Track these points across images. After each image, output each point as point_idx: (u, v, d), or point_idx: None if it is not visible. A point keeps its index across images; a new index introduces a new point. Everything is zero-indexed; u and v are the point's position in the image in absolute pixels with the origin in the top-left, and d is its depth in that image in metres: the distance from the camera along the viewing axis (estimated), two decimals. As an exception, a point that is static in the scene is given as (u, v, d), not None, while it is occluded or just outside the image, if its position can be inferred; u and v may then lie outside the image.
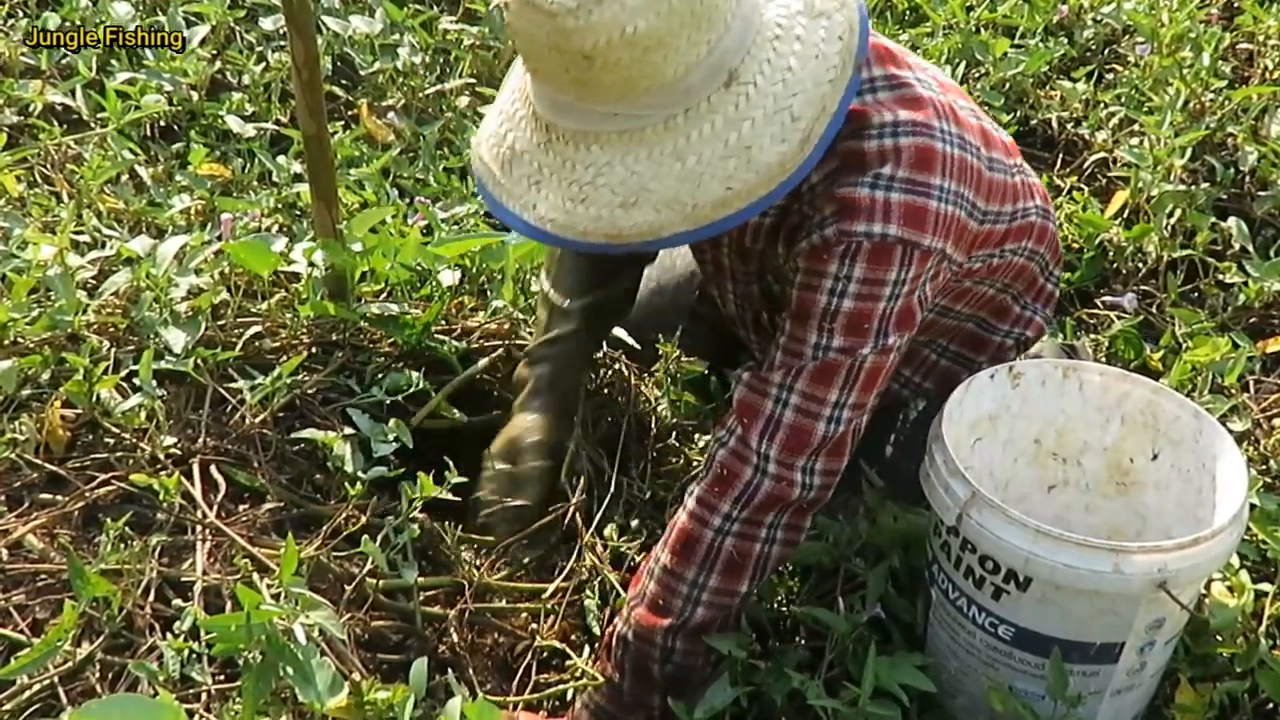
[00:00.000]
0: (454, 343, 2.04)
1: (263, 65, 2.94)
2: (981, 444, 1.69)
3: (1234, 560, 1.67)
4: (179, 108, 2.81)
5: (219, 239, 2.11)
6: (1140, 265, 2.54)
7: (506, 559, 1.77)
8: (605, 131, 1.33)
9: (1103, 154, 2.81)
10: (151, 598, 1.50)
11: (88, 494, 1.64)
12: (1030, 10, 3.24)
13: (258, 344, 1.96)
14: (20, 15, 3.03)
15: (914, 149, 1.46)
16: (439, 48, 3.16)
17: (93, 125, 2.67)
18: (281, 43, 3.04)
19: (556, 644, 1.64)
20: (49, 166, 2.49)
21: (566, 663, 1.61)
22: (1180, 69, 2.80)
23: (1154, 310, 2.45)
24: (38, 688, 1.39)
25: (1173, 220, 2.55)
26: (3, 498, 1.65)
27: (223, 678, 1.42)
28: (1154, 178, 2.56)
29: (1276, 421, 2.07)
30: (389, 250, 2.02)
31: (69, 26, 2.93)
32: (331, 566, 1.61)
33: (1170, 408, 1.66)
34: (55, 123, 2.62)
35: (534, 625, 1.68)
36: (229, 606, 1.49)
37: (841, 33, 1.36)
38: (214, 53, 3.00)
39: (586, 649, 1.63)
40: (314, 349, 1.98)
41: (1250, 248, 2.48)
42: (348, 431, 1.78)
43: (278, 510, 1.71)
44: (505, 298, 2.09)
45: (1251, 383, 2.20)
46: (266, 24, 3.07)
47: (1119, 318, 2.40)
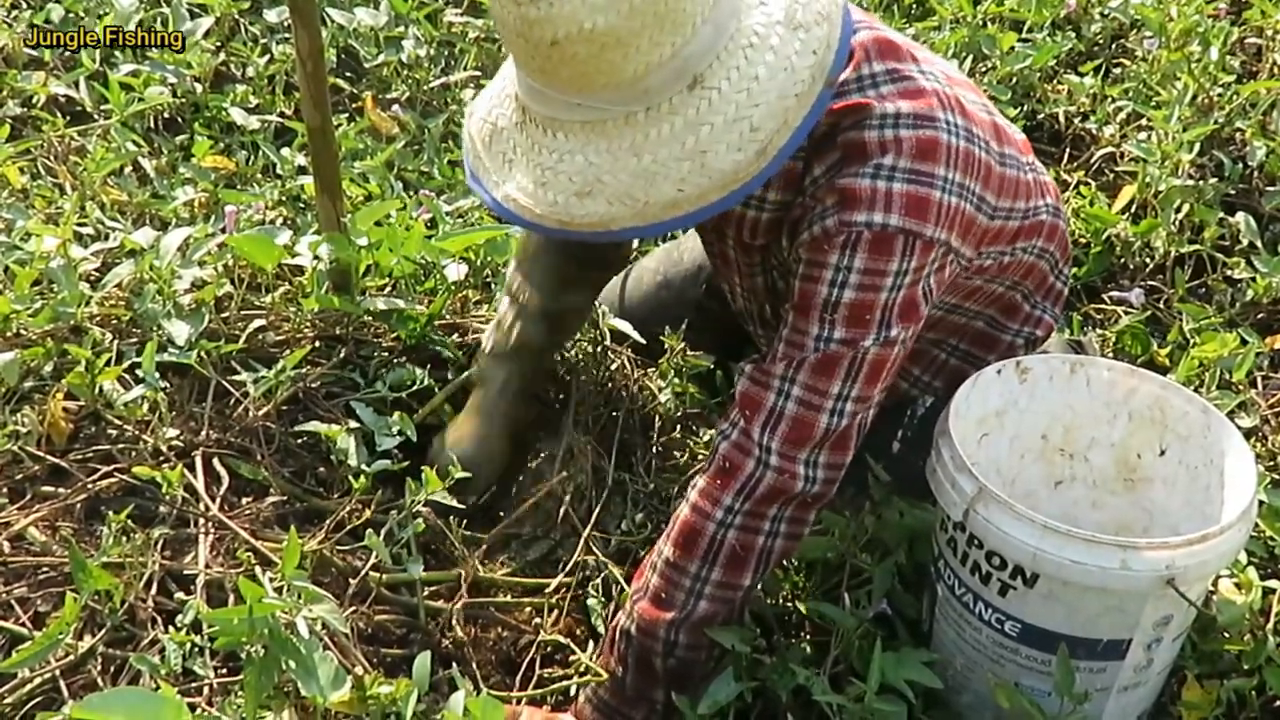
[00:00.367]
0: (458, 338, 2.04)
1: (267, 57, 2.93)
2: (988, 439, 1.68)
3: (1241, 557, 1.66)
4: (183, 100, 2.80)
5: (223, 231, 2.10)
6: (1148, 260, 2.53)
7: (510, 553, 1.77)
8: (570, 120, 1.35)
9: (1110, 149, 2.79)
10: (154, 591, 1.50)
11: (90, 486, 1.64)
12: (1037, 4, 3.22)
13: (261, 337, 1.95)
14: (24, 7, 3.03)
15: (916, 140, 1.46)
16: (444, 40, 3.15)
17: (96, 117, 2.67)
18: (286, 35, 3.03)
19: (560, 639, 1.64)
20: (52, 158, 2.48)
21: (570, 658, 1.61)
22: (1188, 63, 2.78)
23: (1161, 306, 2.44)
24: (39, 681, 1.38)
25: (1180, 215, 2.54)
26: (4, 490, 1.65)
27: (225, 671, 1.42)
28: (1162, 173, 2.54)
29: (1285, 418, 2.06)
30: (394, 244, 2.02)
31: (71, 19, 2.92)
32: (335, 560, 1.61)
33: (1178, 403, 1.65)
34: (58, 114, 2.61)
35: (537, 620, 1.68)
36: (231, 600, 1.49)
37: (816, 48, 1.36)
38: (218, 45, 2.98)
39: (590, 644, 1.63)
40: (318, 342, 1.97)
41: (1258, 243, 2.46)
42: (351, 425, 1.77)
43: (281, 503, 1.70)
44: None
45: (1259, 378, 2.18)
46: (271, 16, 3.06)
47: (1126, 313, 2.38)
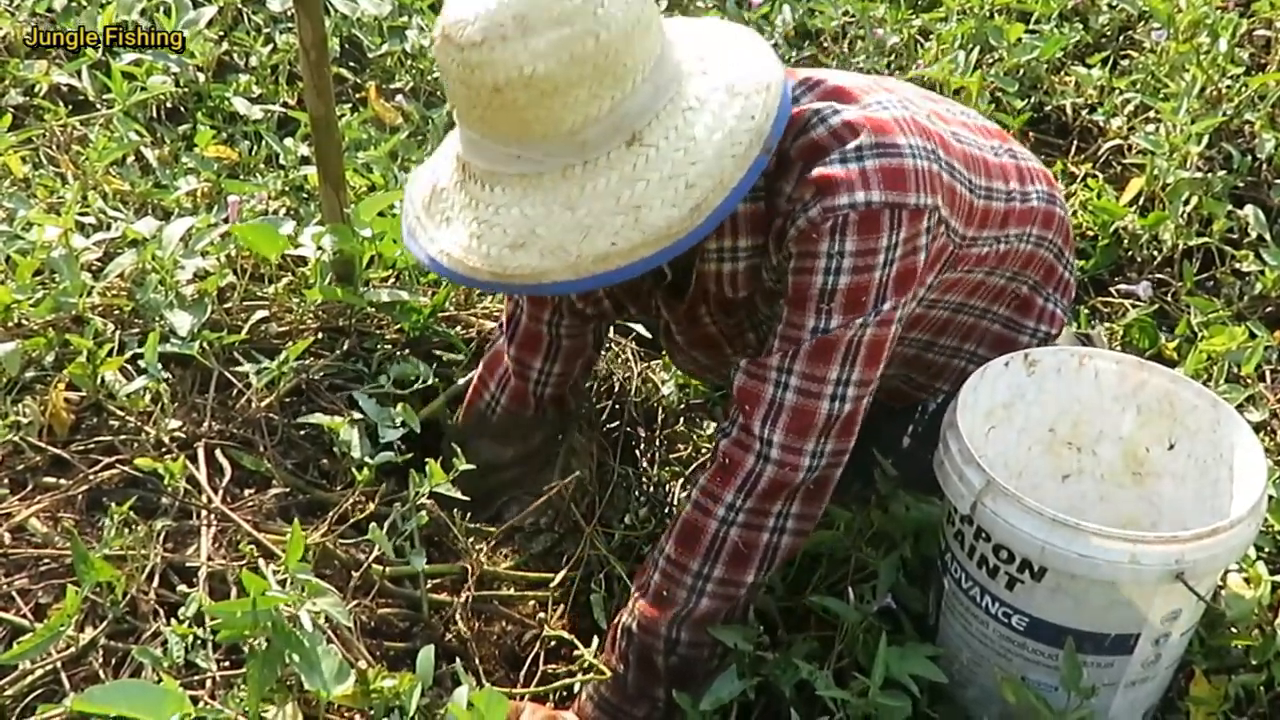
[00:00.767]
0: (462, 331, 2.03)
1: (270, 47, 2.93)
2: (996, 432, 1.67)
3: (1250, 552, 1.65)
4: (185, 89, 2.79)
5: (225, 221, 2.09)
6: (1155, 253, 2.52)
7: (514, 547, 1.76)
8: (508, 173, 1.35)
9: (1118, 141, 2.78)
10: (155, 583, 1.49)
11: (91, 478, 1.63)
12: (1045, -5, 3.21)
13: (264, 328, 1.95)
14: (28, -6, 3.02)
15: (868, 120, 1.46)
16: (448, 30, 3.13)
17: (98, 106, 2.66)
18: (289, 24, 3.02)
19: (564, 634, 1.63)
20: (54, 147, 2.47)
21: (574, 653, 1.60)
22: (1197, 55, 2.77)
23: (1169, 299, 2.43)
24: (40, 673, 1.37)
25: (1189, 208, 2.52)
26: (6, 481, 1.64)
27: (228, 664, 1.41)
28: (1170, 165, 2.53)
29: (1294, 411, 2.05)
30: (398, 235, 2.01)
31: (73, 8, 2.91)
32: (338, 553, 1.60)
33: (1188, 397, 1.63)
34: (61, 103, 2.61)
35: (541, 615, 1.67)
36: (234, 592, 1.48)
37: (755, 113, 1.37)
38: (221, 34, 2.98)
39: (594, 639, 1.62)
40: (321, 334, 1.97)
41: (1267, 236, 2.45)
42: (355, 417, 1.76)
43: (283, 495, 1.69)
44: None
45: (1268, 372, 2.17)
46: (274, 5, 3.06)
47: (1134, 306, 2.37)
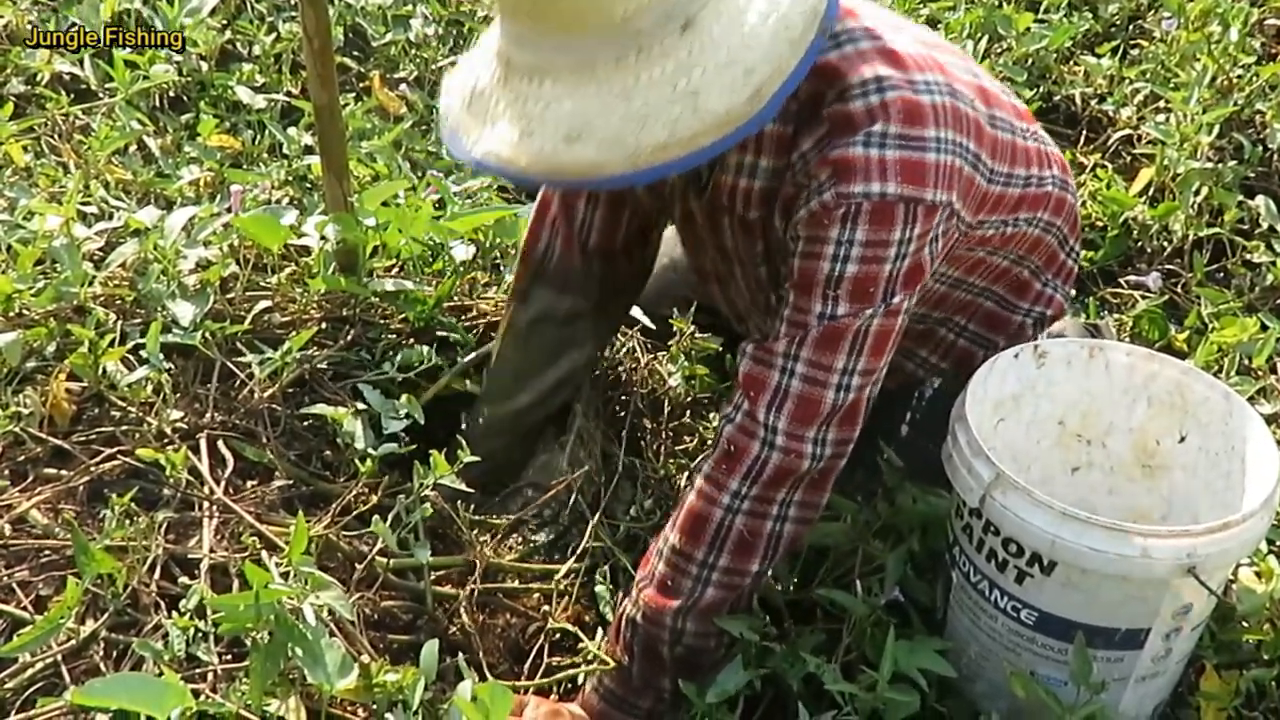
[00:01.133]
0: (466, 320, 2.01)
1: (273, 35, 2.91)
2: (1004, 424, 1.66)
3: (1261, 545, 1.63)
4: (188, 78, 2.78)
5: (228, 211, 2.08)
6: (1165, 244, 2.50)
7: (519, 539, 1.75)
8: (558, 66, 1.32)
9: (1128, 131, 2.76)
10: (157, 575, 1.48)
11: (93, 469, 1.62)
12: (1054, -16, 3.19)
13: (267, 318, 1.93)
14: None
15: (901, 103, 1.43)
16: (452, 19, 3.12)
17: (101, 95, 2.65)
18: (292, 13, 3.01)
19: (568, 626, 1.61)
20: (56, 136, 2.46)
21: (578, 645, 1.59)
22: (1208, 44, 2.75)
23: (1179, 290, 2.41)
24: (41, 665, 1.36)
25: (1199, 198, 2.51)
26: (6, 472, 1.63)
27: (229, 657, 1.40)
28: (1180, 155, 2.51)
29: (1306, 404, 2.03)
30: (402, 224, 1.99)
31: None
32: (341, 545, 1.59)
33: (1199, 389, 1.62)
34: (63, 92, 2.59)
35: (546, 607, 1.65)
36: (236, 585, 1.47)
37: None
38: (224, 22, 2.96)
39: (599, 631, 1.60)
40: (324, 324, 1.95)
41: (1278, 226, 2.43)
42: (359, 407, 1.75)
43: (286, 487, 1.68)
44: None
45: (1279, 364, 2.15)
46: (277, -7, 3.04)
47: (1143, 297, 2.36)
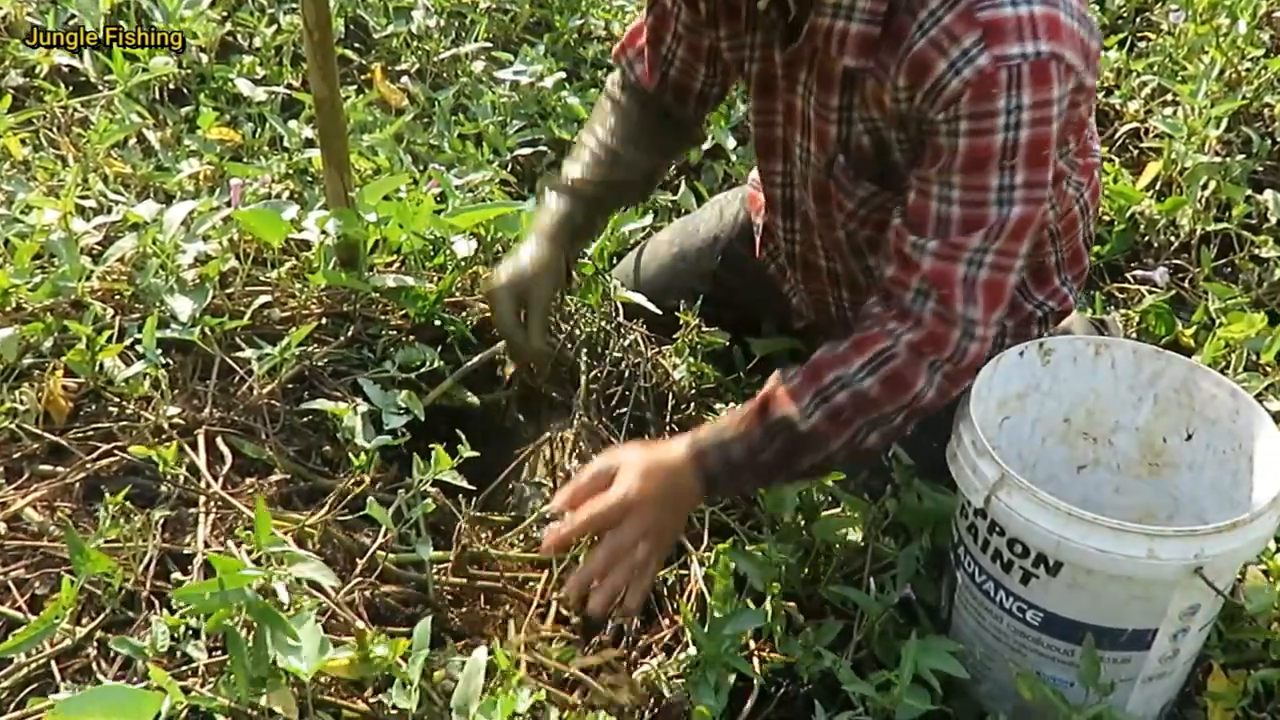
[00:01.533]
0: (468, 317, 2.00)
1: (274, 27, 2.89)
2: (1009, 423, 1.64)
3: (1270, 544, 1.62)
4: (188, 70, 2.76)
5: (228, 205, 2.06)
6: (1173, 239, 2.48)
7: (522, 534, 1.73)
8: None
9: (1135, 124, 2.74)
10: (152, 574, 1.46)
11: (89, 465, 1.60)
12: (1060, -24, 3.16)
13: (266, 313, 1.92)
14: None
15: None
16: (454, 11, 3.11)
17: (100, 88, 2.63)
18: (293, 4, 2.99)
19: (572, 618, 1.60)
20: (55, 129, 2.44)
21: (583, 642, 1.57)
22: (1216, 37, 2.73)
23: (1186, 285, 2.39)
24: (34, 666, 1.35)
25: (1207, 193, 2.49)
26: (2, 469, 1.61)
27: (220, 651, 1.38)
28: (1188, 149, 2.50)
29: (1315, 401, 2.01)
30: (404, 219, 1.98)
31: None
32: (338, 535, 1.57)
33: (1206, 386, 1.60)
34: (61, 85, 2.57)
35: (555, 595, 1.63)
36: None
37: None
38: (224, 14, 2.95)
39: (599, 629, 1.58)
40: (324, 319, 1.93)
41: (1287, 221, 2.42)
42: (359, 403, 1.74)
43: (285, 483, 1.66)
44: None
45: (1287, 360, 2.14)
46: (278, -15, 3.02)
47: (1150, 292, 2.34)
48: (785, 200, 1.79)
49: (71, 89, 2.59)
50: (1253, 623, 1.61)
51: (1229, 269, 2.43)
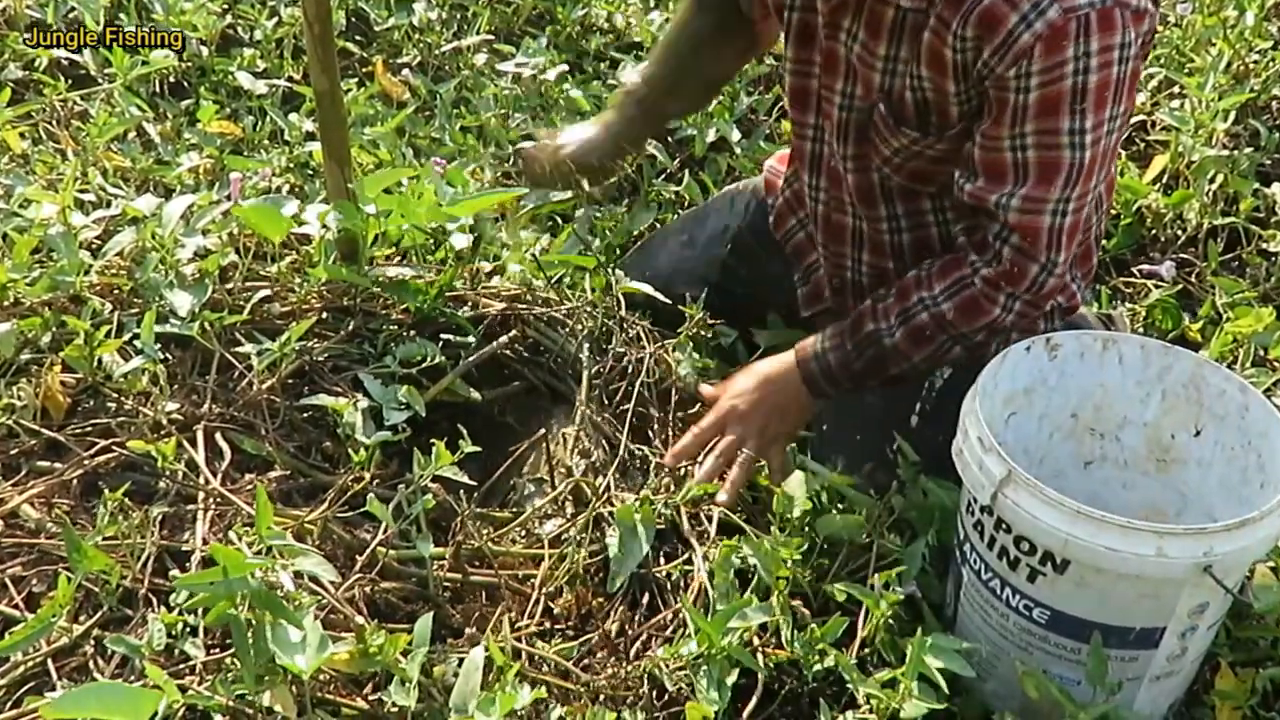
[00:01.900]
0: (470, 311, 1.98)
1: (275, 20, 2.88)
2: (1016, 418, 1.63)
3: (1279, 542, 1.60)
4: (188, 63, 2.75)
5: (228, 198, 2.05)
6: (1179, 233, 2.46)
7: (522, 532, 1.72)
8: None
9: (1141, 117, 2.72)
10: (150, 571, 1.45)
11: (87, 462, 1.59)
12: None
13: (266, 308, 1.90)
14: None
15: None
16: (456, 3, 3.09)
17: (100, 81, 2.62)
18: (294, -3, 2.97)
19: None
20: (54, 123, 2.43)
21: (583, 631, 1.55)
22: (1224, 29, 2.71)
23: (1193, 280, 2.37)
24: (31, 664, 1.34)
25: (1214, 186, 2.47)
26: None
27: (218, 649, 1.37)
28: (1195, 142, 2.48)
29: (1323, 397, 2.00)
30: (407, 212, 1.96)
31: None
32: (339, 532, 1.56)
33: (1216, 382, 1.59)
34: (61, 78, 2.56)
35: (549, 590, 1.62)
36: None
37: None
38: (225, 7, 2.93)
39: (606, 616, 1.57)
40: (324, 314, 1.92)
41: (1295, 215, 2.40)
42: (359, 399, 1.72)
43: (284, 479, 1.65)
44: (515, 259, 2.04)
45: (1295, 355, 2.12)
46: (279, -22, 3.01)
47: (1156, 287, 2.32)
48: (814, 155, 1.83)
49: (71, 82, 2.58)
50: (1261, 621, 1.60)
51: (1236, 263, 2.41)
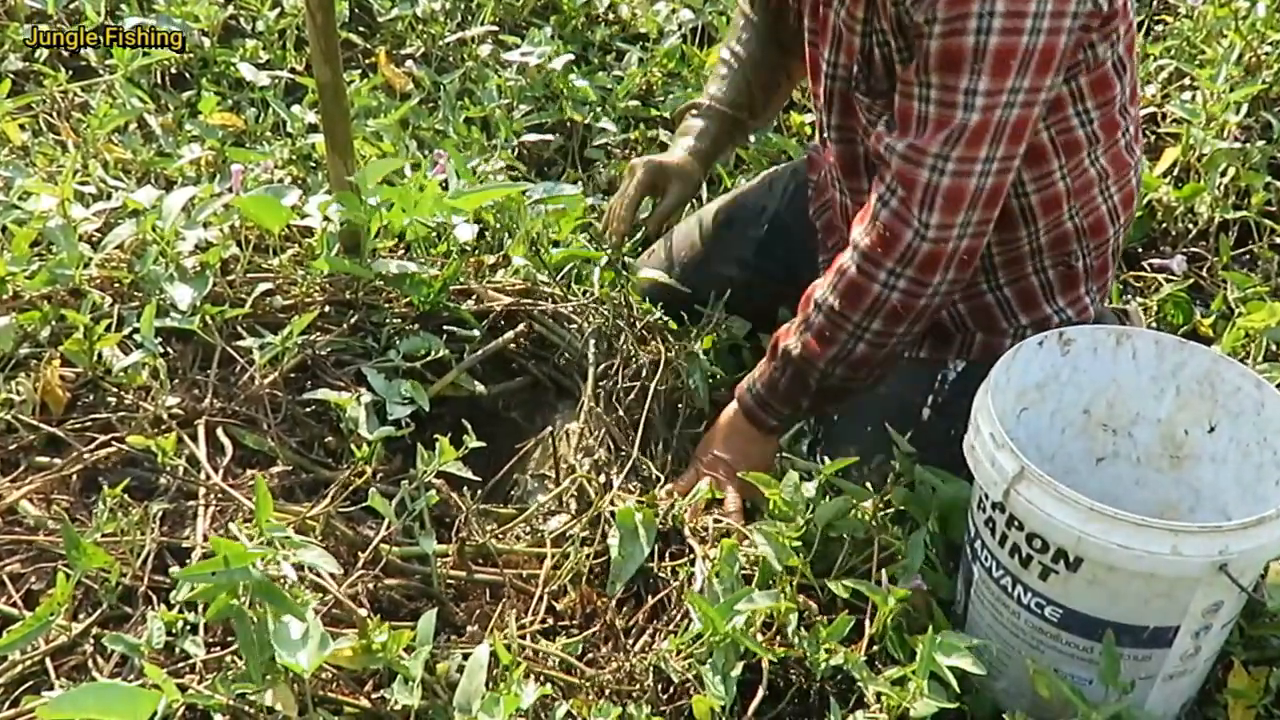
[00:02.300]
0: (474, 304, 1.97)
1: (277, 11, 2.86)
2: (1028, 414, 1.61)
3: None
4: (190, 54, 2.73)
5: (229, 191, 2.03)
6: (1190, 226, 2.44)
7: (525, 529, 1.70)
8: None
9: (1152, 109, 2.70)
10: (150, 568, 1.43)
11: (87, 457, 1.57)
12: (1075, -42, 3.11)
13: (268, 301, 1.88)
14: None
15: None
16: (460, -6, 3.07)
17: (100, 72, 2.60)
18: (297, -12, 2.95)
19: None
20: (54, 114, 2.41)
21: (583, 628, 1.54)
22: (1235, 20, 2.69)
23: (1204, 274, 2.35)
24: (29, 663, 1.32)
25: (1226, 179, 2.45)
26: (-2, 461, 1.59)
27: (218, 647, 1.35)
28: (1206, 135, 2.46)
29: (1337, 392, 1.98)
30: (408, 204, 1.94)
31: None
32: (342, 528, 1.54)
33: (1230, 377, 1.57)
34: (61, 69, 2.54)
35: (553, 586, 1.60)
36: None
37: None
38: (227, -2, 2.91)
39: (608, 612, 1.55)
40: (327, 307, 1.90)
41: (1307, 209, 2.38)
42: (362, 393, 1.70)
43: (287, 474, 1.64)
44: (519, 253, 2.02)
45: (1309, 351, 2.10)
46: (282, -32, 2.98)
47: (1167, 281, 2.30)
48: (824, 125, 1.85)
49: (71, 73, 2.56)
50: (1275, 619, 1.59)
51: (1248, 257, 2.39)
